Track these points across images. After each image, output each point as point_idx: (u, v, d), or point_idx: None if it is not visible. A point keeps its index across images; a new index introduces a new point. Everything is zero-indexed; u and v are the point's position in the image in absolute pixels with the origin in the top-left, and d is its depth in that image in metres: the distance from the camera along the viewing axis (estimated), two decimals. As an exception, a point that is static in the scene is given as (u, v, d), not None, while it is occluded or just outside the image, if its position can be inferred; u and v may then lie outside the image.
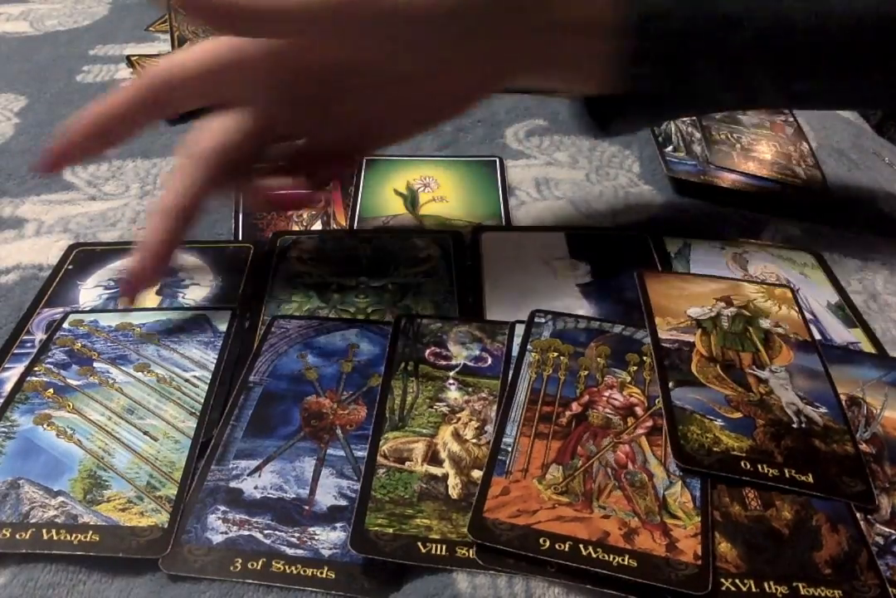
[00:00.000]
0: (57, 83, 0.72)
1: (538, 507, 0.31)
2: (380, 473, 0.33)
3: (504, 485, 0.32)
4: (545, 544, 0.30)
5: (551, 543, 0.30)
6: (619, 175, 0.57)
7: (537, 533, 0.30)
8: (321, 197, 0.51)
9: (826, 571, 0.30)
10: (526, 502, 0.32)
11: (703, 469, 0.33)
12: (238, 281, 0.45)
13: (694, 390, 0.36)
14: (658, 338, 0.39)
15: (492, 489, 0.32)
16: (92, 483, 0.33)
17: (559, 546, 0.30)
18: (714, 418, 0.35)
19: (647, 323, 0.40)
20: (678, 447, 0.34)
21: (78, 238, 0.50)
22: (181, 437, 0.36)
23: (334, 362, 0.39)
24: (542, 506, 0.31)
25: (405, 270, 0.46)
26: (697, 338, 0.39)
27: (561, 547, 0.30)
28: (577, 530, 0.31)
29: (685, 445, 0.34)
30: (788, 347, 0.39)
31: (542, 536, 0.30)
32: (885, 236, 0.51)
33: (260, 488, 0.33)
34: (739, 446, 0.34)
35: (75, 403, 0.37)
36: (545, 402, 0.36)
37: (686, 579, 0.29)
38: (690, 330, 0.40)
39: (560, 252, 0.48)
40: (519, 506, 0.31)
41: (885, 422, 0.36)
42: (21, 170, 0.57)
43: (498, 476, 0.33)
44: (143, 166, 0.58)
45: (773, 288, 0.44)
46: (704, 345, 0.39)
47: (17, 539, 0.31)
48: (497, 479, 0.32)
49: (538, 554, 0.30)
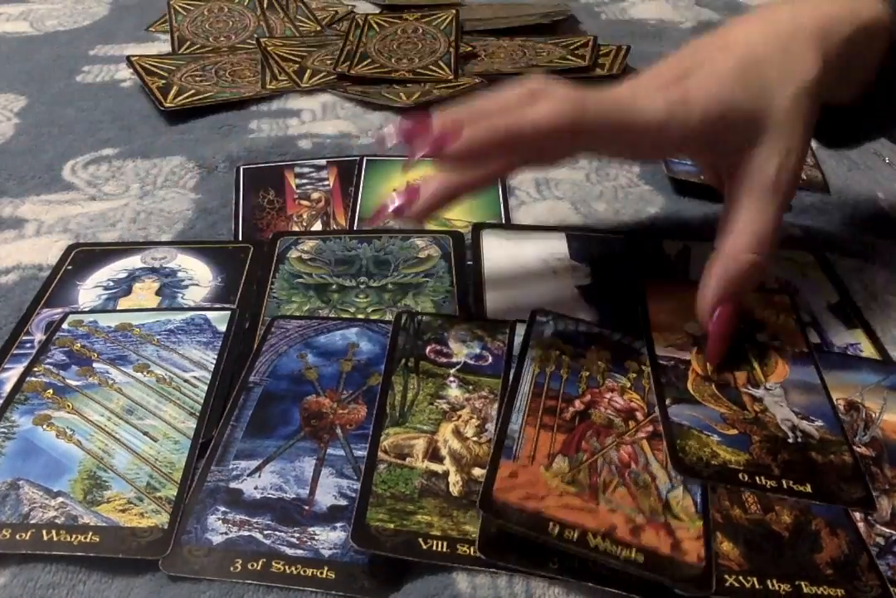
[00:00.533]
0: (57, 83, 0.72)
1: (546, 493, 0.31)
2: (381, 468, 0.33)
3: (512, 468, 0.32)
4: (554, 530, 0.30)
5: (560, 529, 0.30)
6: (618, 176, 0.57)
7: (546, 519, 0.30)
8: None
9: (827, 571, 0.30)
10: (534, 487, 0.32)
11: (702, 479, 0.33)
12: (238, 281, 0.45)
13: (690, 408, 0.37)
14: (655, 355, 0.39)
15: (500, 471, 0.32)
16: (92, 484, 0.33)
17: (568, 534, 0.30)
18: (710, 434, 0.35)
19: (644, 340, 0.40)
20: (677, 459, 0.34)
21: (78, 238, 0.50)
22: (181, 437, 0.36)
23: (334, 362, 0.39)
24: (550, 493, 0.31)
25: (405, 270, 0.46)
26: (693, 356, 0.39)
27: (570, 535, 0.30)
28: (585, 519, 0.31)
29: (684, 457, 0.34)
30: (784, 361, 0.39)
31: (551, 522, 0.30)
32: (884, 236, 0.51)
33: (260, 489, 0.33)
34: (737, 460, 0.34)
35: (75, 403, 0.37)
36: (549, 396, 0.36)
37: (691, 577, 0.29)
38: (686, 347, 0.40)
39: (560, 253, 0.48)
40: (528, 490, 0.31)
41: (883, 425, 0.36)
42: (21, 170, 0.57)
43: (506, 460, 0.33)
44: (144, 166, 0.58)
45: (772, 295, 0.44)
46: (700, 364, 0.39)
47: (17, 540, 0.31)
48: (505, 462, 0.32)
49: (548, 540, 0.30)
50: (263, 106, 0.67)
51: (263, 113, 0.66)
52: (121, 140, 0.62)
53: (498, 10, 0.87)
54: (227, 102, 0.67)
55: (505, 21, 0.83)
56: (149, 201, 0.54)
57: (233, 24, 0.83)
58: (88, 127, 0.64)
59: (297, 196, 0.54)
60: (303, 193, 0.54)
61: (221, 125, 0.63)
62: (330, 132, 0.62)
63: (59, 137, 0.62)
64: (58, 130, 0.63)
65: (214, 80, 0.71)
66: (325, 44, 0.78)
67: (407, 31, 0.78)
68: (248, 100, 0.67)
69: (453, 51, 0.74)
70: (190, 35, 0.81)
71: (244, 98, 0.67)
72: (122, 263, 0.47)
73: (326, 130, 0.62)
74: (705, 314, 0.38)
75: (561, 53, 0.75)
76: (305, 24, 0.84)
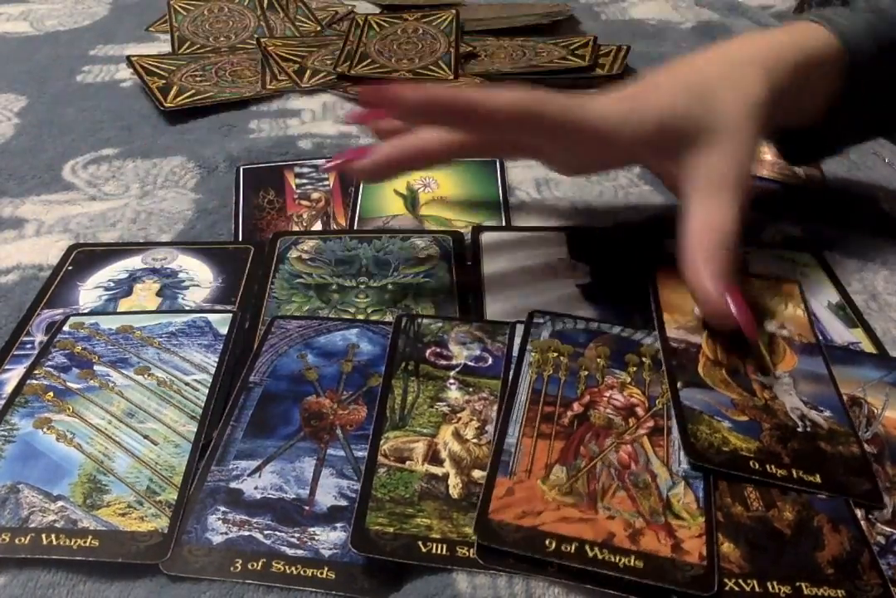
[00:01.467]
0: (57, 83, 0.72)
1: (543, 508, 0.31)
2: (380, 472, 0.33)
3: (508, 486, 0.32)
4: (551, 545, 0.30)
5: (557, 544, 0.30)
6: (619, 176, 0.57)
7: (543, 535, 0.30)
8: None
9: (828, 571, 0.30)
10: (530, 503, 0.31)
11: (713, 466, 0.33)
12: (238, 282, 0.45)
13: (702, 392, 0.36)
14: (666, 336, 0.39)
15: (496, 490, 0.32)
16: (92, 488, 0.33)
17: (565, 548, 0.30)
18: (721, 420, 0.35)
19: (655, 319, 0.40)
20: (689, 444, 0.34)
21: (78, 238, 0.50)
22: (181, 441, 0.35)
23: (334, 363, 0.39)
24: (546, 507, 0.31)
25: (405, 270, 0.46)
26: (704, 340, 0.39)
27: (567, 548, 0.30)
28: (583, 531, 0.31)
29: (695, 442, 0.34)
30: (793, 351, 0.39)
31: (547, 537, 0.30)
32: (884, 236, 0.51)
33: (260, 489, 0.33)
34: (748, 447, 0.34)
35: (75, 406, 0.37)
36: (546, 402, 0.36)
37: (692, 579, 0.29)
38: (698, 330, 0.40)
39: (560, 252, 0.48)
40: (524, 507, 0.31)
41: (886, 422, 0.36)
42: (21, 170, 0.57)
43: (502, 477, 0.33)
44: (144, 166, 0.58)
45: (781, 283, 0.44)
46: (710, 348, 0.39)
47: (17, 544, 0.31)
48: (501, 480, 0.32)
49: (545, 556, 0.30)
50: (263, 106, 0.67)
51: (263, 113, 0.66)
52: (121, 140, 0.62)
53: (498, 11, 0.87)
54: (227, 101, 0.67)
55: (505, 21, 0.83)
56: (149, 201, 0.54)
57: (233, 24, 0.83)
58: (88, 127, 0.64)
59: (298, 196, 0.54)
60: (303, 193, 0.54)
61: (221, 125, 0.63)
62: (330, 132, 0.62)
63: (58, 137, 0.62)
64: (58, 130, 0.63)
65: (214, 80, 0.71)
66: (325, 44, 0.78)
67: (407, 32, 0.78)
68: (249, 100, 0.67)
69: (453, 51, 0.74)
70: (190, 35, 0.81)
71: (244, 98, 0.68)
72: (123, 263, 0.47)
73: (326, 131, 0.62)
74: (715, 300, 0.38)
75: (561, 53, 0.75)
76: (305, 24, 0.84)
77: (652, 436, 0.35)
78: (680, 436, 0.34)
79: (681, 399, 0.36)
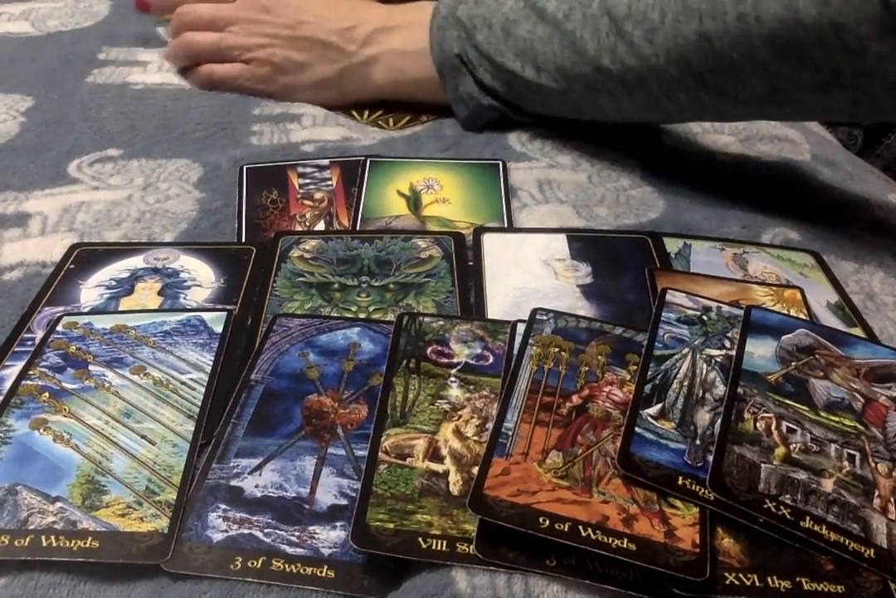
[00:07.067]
0: (64, 86, 0.72)
1: (538, 488, 0.32)
2: (381, 468, 0.33)
3: (504, 466, 0.32)
4: (545, 523, 0.30)
5: (551, 522, 0.30)
6: (620, 177, 0.57)
7: (537, 513, 0.30)
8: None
9: (828, 567, 0.30)
10: (526, 483, 0.32)
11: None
12: (240, 282, 0.45)
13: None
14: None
15: (492, 469, 0.32)
16: (90, 489, 0.33)
17: (559, 526, 0.30)
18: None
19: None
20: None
21: (82, 237, 0.50)
22: (179, 441, 0.35)
23: (336, 361, 0.39)
24: (542, 488, 0.32)
25: (407, 270, 0.46)
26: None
27: (560, 527, 0.30)
28: (577, 512, 0.31)
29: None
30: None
31: (541, 515, 0.30)
32: (880, 240, 0.51)
33: (260, 487, 0.33)
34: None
35: (71, 407, 0.37)
36: (546, 392, 0.36)
37: (685, 564, 0.29)
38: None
39: (561, 253, 0.48)
40: (519, 486, 0.31)
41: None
42: (26, 167, 0.57)
43: (498, 457, 0.33)
44: (149, 165, 0.58)
45: (783, 290, 0.44)
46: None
47: (17, 546, 0.31)
48: (497, 460, 0.33)
49: (538, 532, 0.30)
50: (266, 109, 0.67)
51: (265, 117, 0.66)
52: (125, 141, 0.62)
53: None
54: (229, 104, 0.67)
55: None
56: (153, 201, 0.54)
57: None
58: (94, 127, 0.64)
59: (301, 196, 0.54)
60: (306, 193, 0.54)
61: (224, 127, 0.63)
62: (331, 137, 0.62)
63: (64, 136, 0.62)
64: (63, 130, 0.63)
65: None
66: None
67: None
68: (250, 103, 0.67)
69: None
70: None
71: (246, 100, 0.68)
72: (125, 262, 0.47)
73: (328, 136, 0.62)
74: None
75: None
76: None
77: None
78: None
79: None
